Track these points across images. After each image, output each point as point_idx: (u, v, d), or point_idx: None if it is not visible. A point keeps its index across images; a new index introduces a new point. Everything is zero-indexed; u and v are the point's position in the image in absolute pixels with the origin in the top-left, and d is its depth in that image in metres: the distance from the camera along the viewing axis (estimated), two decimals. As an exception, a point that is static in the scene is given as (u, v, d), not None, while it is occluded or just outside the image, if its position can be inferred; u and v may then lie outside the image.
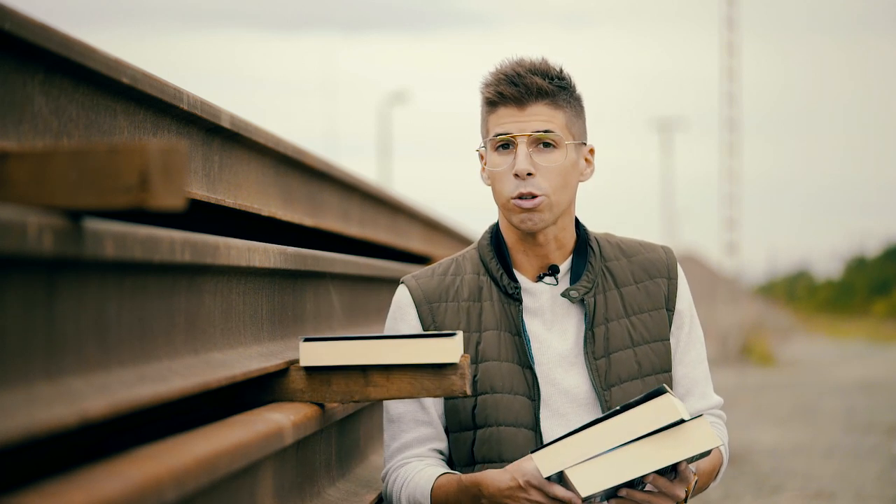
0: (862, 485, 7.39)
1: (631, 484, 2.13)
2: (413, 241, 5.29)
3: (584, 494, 2.08)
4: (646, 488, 2.16)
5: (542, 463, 2.10)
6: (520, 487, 2.14)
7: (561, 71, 2.33)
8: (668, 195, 39.04)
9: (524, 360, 2.31)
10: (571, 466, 2.09)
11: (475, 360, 2.31)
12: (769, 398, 13.21)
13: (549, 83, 2.29)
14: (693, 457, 2.13)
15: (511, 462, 2.27)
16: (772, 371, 18.23)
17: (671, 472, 2.15)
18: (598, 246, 2.40)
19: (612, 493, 2.15)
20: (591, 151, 2.38)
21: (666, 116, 41.92)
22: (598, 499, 2.15)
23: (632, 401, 2.10)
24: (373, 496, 2.35)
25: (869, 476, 7.70)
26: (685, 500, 2.18)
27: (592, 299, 2.34)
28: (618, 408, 2.11)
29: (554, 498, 2.12)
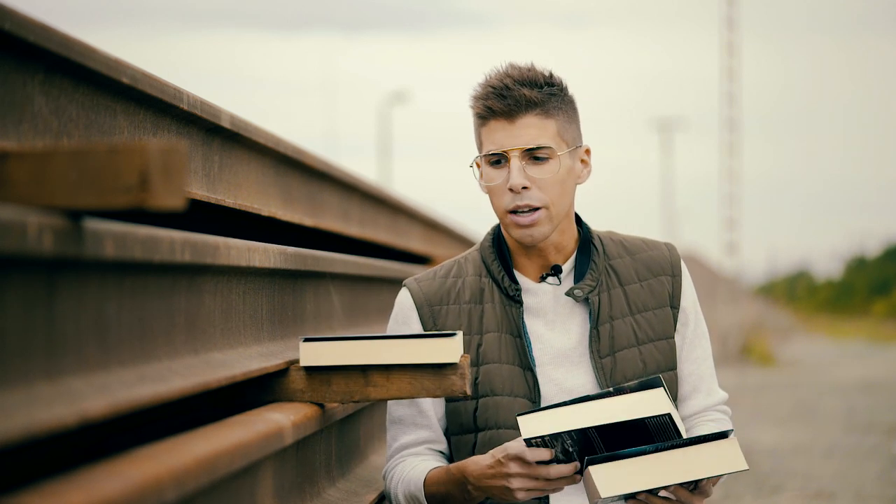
0: (862, 485, 7.38)
1: (651, 489, 2.13)
2: (413, 241, 5.29)
3: (604, 495, 2.07)
4: (661, 494, 2.16)
5: (526, 425, 2.09)
6: (499, 462, 2.13)
7: (550, 76, 2.31)
8: (668, 195, 39.05)
9: (525, 362, 2.31)
10: (595, 465, 2.09)
11: (476, 363, 2.31)
12: (769, 398, 13.21)
13: (539, 92, 2.27)
14: (719, 475, 2.13)
15: None
16: (772, 371, 18.23)
17: (691, 483, 2.15)
18: (602, 244, 2.40)
19: (632, 495, 2.15)
20: (587, 152, 2.37)
21: (666, 116, 41.94)
22: (615, 500, 2.15)
23: (626, 385, 2.11)
24: (373, 496, 2.35)
25: (869, 476, 7.70)
26: None
27: (597, 298, 2.34)
28: (611, 389, 2.11)
29: (534, 463, 2.11)
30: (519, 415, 2.11)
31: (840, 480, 7.57)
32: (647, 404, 2.09)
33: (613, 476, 2.08)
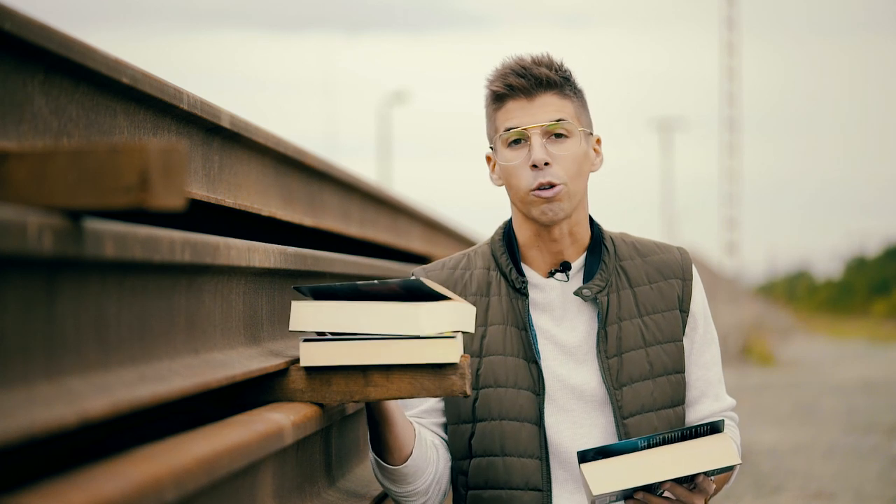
0: (862, 485, 7.39)
1: (649, 487, 2.13)
2: (413, 241, 5.29)
3: (596, 493, 2.07)
4: (664, 494, 2.16)
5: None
6: None
7: (562, 65, 2.35)
8: (668, 195, 39.05)
9: (530, 355, 2.31)
10: (587, 464, 2.09)
11: (479, 354, 2.32)
12: (769, 398, 13.21)
13: (557, 74, 2.31)
14: (712, 471, 2.13)
15: (514, 456, 2.28)
16: (772, 371, 18.23)
17: (690, 481, 2.15)
18: (613, 245, 2.40)
19: (629, 494, 2.15)
20: (599, 141, 2.39)
21: (666, 116, 41.95)
22: (612, 499, 2.15)
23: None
24: (373, 496, 2.35)
25: (869, 476, 7.70)
26: None
27: (606, 298, 2.34)
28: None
29: None
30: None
31: (840, 480, 7.57)
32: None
33: (605, 474, 2.08)
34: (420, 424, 2.33)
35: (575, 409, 2.31)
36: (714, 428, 2.12)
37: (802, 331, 39.10)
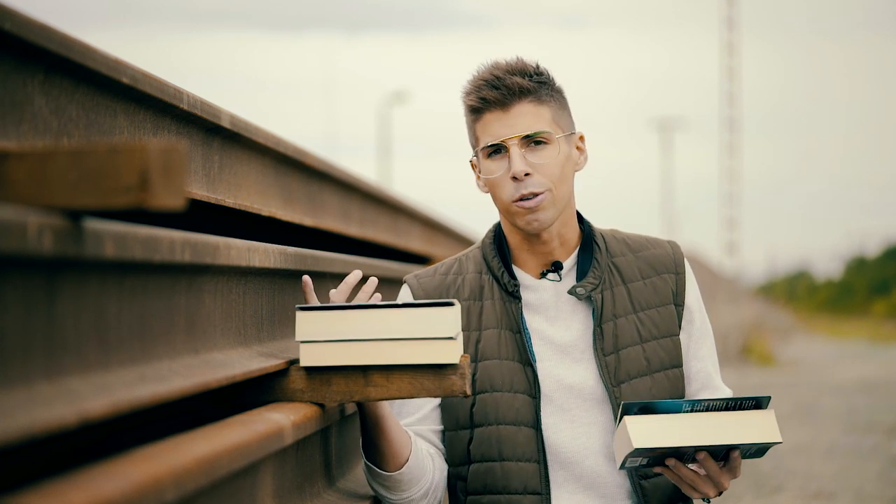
0: (862, 485, 7.38)
1: (680, 455, 2.12)
2: (413, 241, 5.29)
3: (636, 446, 2.06)
4: (691, 466, 2.15)
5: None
6: None
7: (538, 67, 2.32)
8: (668, 195, 39.07)
9: (524, 358, 2.31)
10: (631, 416, 2.08)
11: (474, 359, 2.31)
12: (769, 398, 13.18)
13: (530, 80, 2.28)
14: (753, 445, 2.11)
15: (512, 461, 2.28)
16: (772, 371, 18.22)
17: (723, 458, 2.14)
18: (605, 242, 2.40)
19: (660, 461, 2.13)
20: (581, 138, 2.37)
21: (666, 116, 41.96)
22: (641, 462, 2.13)
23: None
24: (372, 496, 2.34)
25: (869, 476, 7.70)
26: (719, 494, 2.18)
27: (600, 295, 2.34)
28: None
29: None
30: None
31: (840, 480, 7.57)
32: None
33: (648, 429, 2.07)
34: (416, 433, 2.33)
35: (574, 408, 2.31)
36: (758, 403, 2.10)
37: (802, 331, 39.11)
